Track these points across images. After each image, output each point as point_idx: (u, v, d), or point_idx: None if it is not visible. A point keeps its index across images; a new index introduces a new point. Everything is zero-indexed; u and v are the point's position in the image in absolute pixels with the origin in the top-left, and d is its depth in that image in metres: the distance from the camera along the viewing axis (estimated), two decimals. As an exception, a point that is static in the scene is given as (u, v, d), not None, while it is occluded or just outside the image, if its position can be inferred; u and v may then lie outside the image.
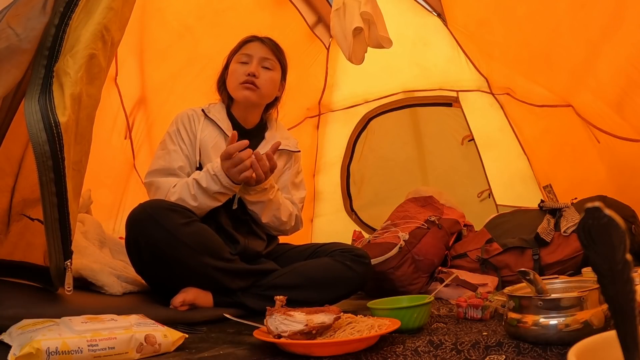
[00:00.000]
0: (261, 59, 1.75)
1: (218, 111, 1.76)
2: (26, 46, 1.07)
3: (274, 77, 1.78)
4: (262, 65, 1.75)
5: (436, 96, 3.14)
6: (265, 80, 1.74)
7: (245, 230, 1.70)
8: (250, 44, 1.78)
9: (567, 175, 2.66)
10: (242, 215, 1.70)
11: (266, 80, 1.74)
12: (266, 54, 1.76)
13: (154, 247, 1.43)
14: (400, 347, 1.07)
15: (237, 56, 1.77)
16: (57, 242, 1.14)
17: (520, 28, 2.28)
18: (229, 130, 1.70)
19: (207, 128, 1.72)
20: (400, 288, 1.92)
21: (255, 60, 1.74)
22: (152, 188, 1.64)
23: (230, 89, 1.76)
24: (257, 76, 1.72)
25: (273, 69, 1.77)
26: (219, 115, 1.75)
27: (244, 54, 1.76)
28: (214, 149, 1.68)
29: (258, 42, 1.78)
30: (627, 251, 0.42)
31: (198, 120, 1.72)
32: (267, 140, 1.78)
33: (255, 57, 1.74)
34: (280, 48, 1.83)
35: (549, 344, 0.97)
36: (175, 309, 1.44)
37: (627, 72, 1.85)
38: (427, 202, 2.35)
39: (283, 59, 1.82)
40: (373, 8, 1.98)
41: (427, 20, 2.85)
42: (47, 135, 1.06)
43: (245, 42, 1.79)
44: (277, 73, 1.80)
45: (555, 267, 1.90)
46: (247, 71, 1.72)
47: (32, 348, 0.92)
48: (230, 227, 1.65)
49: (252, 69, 1.72)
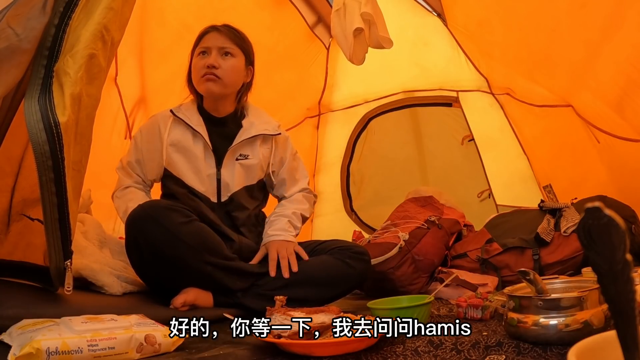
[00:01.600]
0: (219, 49, 1.70)
1: (187, 108, 1.75)
2: (26, 46, 1.07)
3: (235, 64, 1.72)
4: (221, 54, 1.70)
5: (436, 96, 3.14)
6: (226, 69, 1.69)
7: (237, 228, 1.70)
8: (207, 35, 1.73)
9: (567, 175, 2.66)
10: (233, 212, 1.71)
11: (227, 69, 1.69)
12: (224, 43, 1.71)
13: (154, 247, 1.43)
14: (400, 347, 1.07)
15: (196, 50, 1.74)
16: (57, 242, 1.14)
17: (520, 28, 2.28)
18: (199, 125, 1.70)
19: (175, 128, 1.72)
20: (400, 288, 1.92)
21: (214, 50, 1.69)
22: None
23: (195, 83, 1.74)
24: (217, 67, 1.68)
25: (234, 55, 1.72)
26: (187, 112, 1.73)
27: (202, 46, 1.72)
28: (178, 150, 1.70)
29: (215, 32, 1.73)
30: (627, 251, 0.42)
31: (165, 123, 1.72)
32: (245, 128, 1.75)
33: (213, 48, 1.70)
34: (240, 33, 1.78)
35: (549, 344, 0.97)
36: (175, 309, 1.44)
37: (627, 72, 1.85)
38: (427, 202, 2.35)
39: (244, 44, 1.77)
40: (373, 8, 1.98)
41: (427, 20, 2.85)
42: (46, 135, 1.06)
43: (203, 34, 1.75)
44: (239, 59, 1.74)
45: (555, 267, 1.90)
46: (206, 63, 1.68)
47: (32, 348, 0.92)
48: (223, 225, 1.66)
49: (210, 61, 1.68)
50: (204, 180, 1.70)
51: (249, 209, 1.75)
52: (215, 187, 1.71)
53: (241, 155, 1.73)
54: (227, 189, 1.71)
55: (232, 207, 1.71)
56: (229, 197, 1.71)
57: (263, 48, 1.68)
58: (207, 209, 1.65)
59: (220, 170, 1.70)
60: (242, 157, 1.73)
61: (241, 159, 1.73)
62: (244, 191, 1.74)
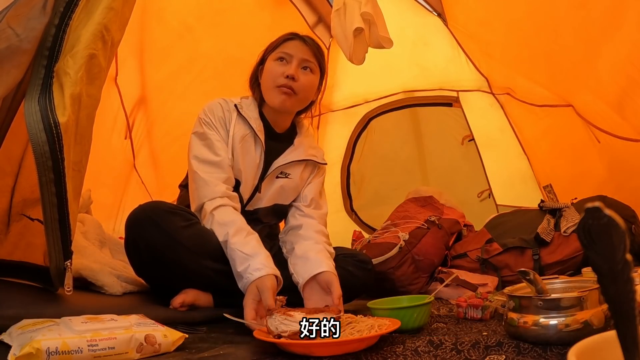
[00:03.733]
0: (302, 61, 1.59)
1: (250, 109, 1.63)
2: (26, 46, 1.07)
3: (313, 81, 1.63)
4: (302, 66, 1.60)
5: (436, 96, 3.14)
6: (304, 84, 1.60)
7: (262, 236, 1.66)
8: (290, 42, 1.62)
9: (567, 175, 2.66)
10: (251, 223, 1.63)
11: (305, 84, 1.60)
12: (307, 55, 1.60)
13: (153, 249, 1.41)
14: (400, 347, 1.07)
15: (274, 53, 1.61)
16: (57, 243, 1.14)
17: (520, 28, 2.28)
18: (261, 132, 1.61)
19: (238, 124, 1.60)
20: (400, 288, 1.92)
21: (296, 61, 1.58)
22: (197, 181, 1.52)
23: (265, 88, 1.62)
24: (296, 79, 1.57)
25: (313, 72, 1.62)
26: (251, 114, 1.62)
27: (283, 52, 1.60)
28: (242, 147, 1.59)
29: (299, 41, 1.62)
30: (627, 251, 0.42)
31: (231, 115, 1.62)
32: (295, 146, 1.68)
33: (295, 58, 1.59)
34: (322, 49, 1.68)
35: (549, 344, 0.97)
36: (175, 309, 1.43)
37: (627, 72, 1.85)
38: (427, 202, 2.35)
39: (324, 61, 1.68)
40: (373, 8, 1.98)
41: (427, 20, 2.85)
42: (46, 136, 1.06)
43: (284, 39, 1.63)
44: (316, 76, 1.65)
45: (555, 267, 1.90)
46: (286, 72, 1.56)
47: (32, 348, 0.92)
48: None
49: (291, 71, 1.56)
50: (249, 188, 1.62)
51: (268, 224, 1.72)
52: (248, 195, 1.64)
53: (282, 173, 1.66)
54: (258, 202, 1.65)
55: (252, 218, 1.64)
56: (255, 209, 1.65)
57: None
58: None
59: (262, 183, 1.63)
60: (283, 176, 1.66)
61: (281, 177, 1.66)
62: (272, 209, 1.68)
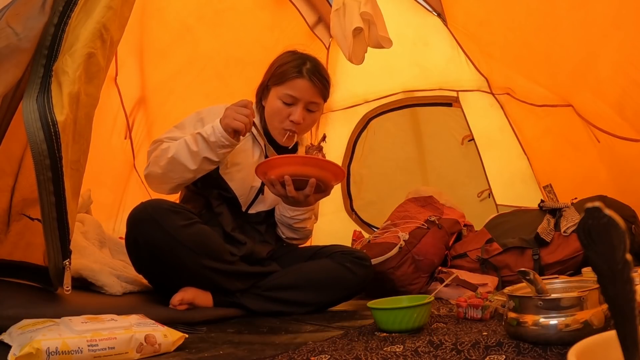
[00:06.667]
0: (307, 103, 1.62)
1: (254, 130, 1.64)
2: (25, 45, 1.07)
3: (315, 118, 1.68)
4: (306, 108, 1.62)
5: (436, 96, 3.14)
6: (307, 125, 1.66)
7: (257, 237, 1.69)
8: (298, 82, 1.60)
9: (567, 175, 2.66)
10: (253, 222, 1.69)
11: (308, 124, 1.66)
12: (312, 97, 1.62)
13: (153, 248, 1.42)
14: (400, 347, 1.07)
15: (281, 88, 1.61)
16: (55, 242, 1.14)
17: (520, 28, 2.28)
18: (260, 136, 1.65)
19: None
20: (400, 288, 1.92)
21: (302, 104, 1.61)
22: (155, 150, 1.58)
23: (269, 120, 1.65)
24: (300, 123, 1.62)
25: (318, 109, 1.67)
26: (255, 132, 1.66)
27: (289, 94, 1.60)
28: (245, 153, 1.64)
29: (307, 82, 1.60)
30: (627, 251, 0.41)
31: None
32: (298, 152, 1.75)
33: (301, 101, 1.60)
34: (328, 81, 1.67)
35: (549, 344, 0.97)
36: (175, 309, 1.43)
37: (627, 72, 1.85)
38: (427, 202, 2.34)
39: (328, 93, 1.69)
40: (373, 8, 1.98)
41: (427, 20, 2.85)
42: (44, 134, 1.06)
43: (292, 76, 1.60)
44: (320, 111, 1.70)
45: (555, 267, 1.90)
46: (291, 117, 1.60)
47: (32, 348, 0.92)
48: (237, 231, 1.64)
49: (296, 117, 1.59)
50: (246, 188, 1.66)
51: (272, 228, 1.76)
52: (252, 198, 1.68)
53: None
54: (262, 204, 1.69)
55: (255, 218, 1.70)
56: (257, 212, 1.69)
57: (263, 48, 1.66)
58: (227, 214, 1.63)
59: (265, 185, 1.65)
60: None
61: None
62: (274, 212, 1.74)
